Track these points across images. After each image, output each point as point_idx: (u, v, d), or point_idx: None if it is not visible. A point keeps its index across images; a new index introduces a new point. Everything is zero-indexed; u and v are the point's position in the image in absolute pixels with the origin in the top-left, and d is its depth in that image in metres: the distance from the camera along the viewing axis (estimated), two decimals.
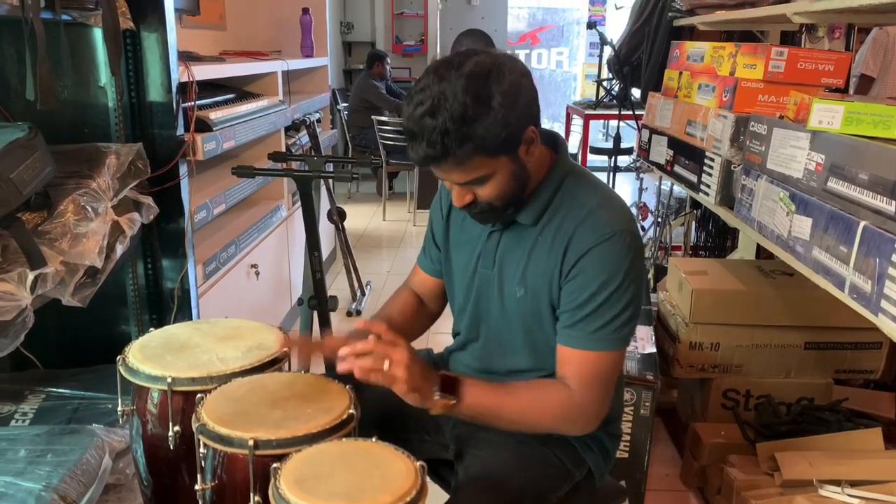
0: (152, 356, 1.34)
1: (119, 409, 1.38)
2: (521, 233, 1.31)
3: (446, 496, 1.31)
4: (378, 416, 1.32)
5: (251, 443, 1.09)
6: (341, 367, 1.16)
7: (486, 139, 1.12)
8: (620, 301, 1.22)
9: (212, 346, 1.39)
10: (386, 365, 1.13)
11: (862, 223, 1.23)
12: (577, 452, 1.37)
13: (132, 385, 1.33)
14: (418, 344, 1.47)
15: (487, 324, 1.39)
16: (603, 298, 1.21)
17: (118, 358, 1.35)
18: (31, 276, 1.40)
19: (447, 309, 1.55)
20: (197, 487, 1.17)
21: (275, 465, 1.05)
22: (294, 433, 1.12)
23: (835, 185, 1.35)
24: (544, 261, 1.27)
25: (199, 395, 1.22)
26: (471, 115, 1.10)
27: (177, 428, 1.27)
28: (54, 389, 1.86)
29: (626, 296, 1.22)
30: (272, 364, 1.35)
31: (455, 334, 1.51)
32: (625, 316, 1.23)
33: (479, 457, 1.33)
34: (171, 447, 1.27)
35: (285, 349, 1.37)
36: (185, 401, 1.27)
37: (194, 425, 1.17)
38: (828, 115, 1.41)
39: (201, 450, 1.16)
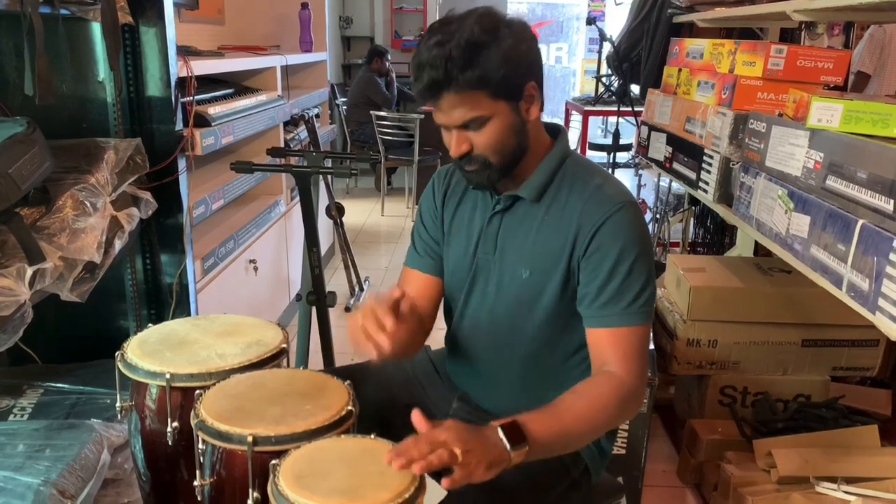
0: (151, 352, 1.34)
1: (117, 404, 1.38)
2: (525, 213, 1.31)
3: (443, 493, 1.31)
4: (376, 412, 1.32)
5: (250, 439, 1.10)
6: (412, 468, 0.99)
7: (488, 70, 1.14)
8: (642, 272, 1.23)
9: (211, 342, 1.39)
10: (458, 455, 0.99)
11: (860, 221, 1.23)
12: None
13: (131, 381, 1.33)
14: None
15: (484, 311, 1.37)
16: (626, 270, 1.22)
17: (117, 354, 1.35)
18: (29, 272, 1.40)
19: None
20: (196, 483, 1.18)
21: (274, 461, 1.05)
22: (293, 430, 1.12)
23: (833, 183, 1.35)
24: (553, 239, 1.27)
25: (197, 392, 1.22)
26: (477, 41, 1.13)
27: (175, 424, 1.27)
28: (53, 384, 1.86)
29: (646, 265, 1.24)
30: (271, 360, 1.35)
31: (448, 325, 1.49)
32: (649, 288, 1.24)
33: None
34: (170, 443, 1.27)
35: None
36: (183, 397, 1.28)
37: (193, 421, 1.17)
38: (827, 113, 1.41)
39: (200, 446, 1.17)
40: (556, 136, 1.34)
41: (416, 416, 1.04)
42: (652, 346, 2.13)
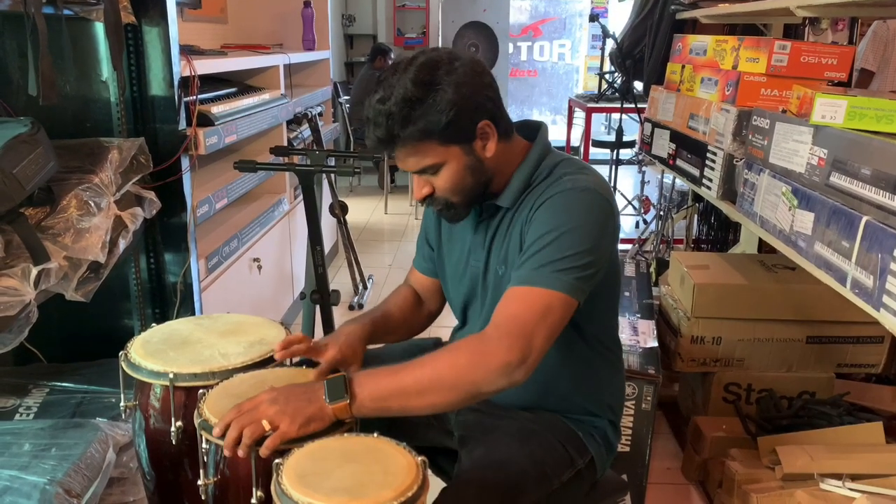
0: (154, 352, 1.34)
1: (122, 404, 1.38)
2: (503, 216, 1.33)
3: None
4: None
5: None
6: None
7: (428, 122, 1.17)
8: (573, 244, 1.17)
9: (214, 342, 1.39)
10: (265, 425, 1.08)
11: (864, 218, 1.22)
12: (581, 440, 1.37)
13: (134, 380, 1.33)
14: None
15: (477, 316, 1.40)
16: (550, 238, 1.18)
17: (120, 354, 1.36)
18: (34, 272, 1.41)
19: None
20: (200, 482, 1.18)
21: (277, 460, 1.05)
22: None
23: (837, 179, 1.35)
24: (516, 231, 1.28)
25: (200, 391, 1.22)
26: (413, 98, 1.16)
27: (179, 423, 1.27)
28: (58, 383, 1.87)
29: (583, 242, 1.18)
30: (274, 359, 1.35)
31: (453, 327, 1.52)
32: (575, 261, 1.16)
33: (482, 441, 1.33)
34: (174, 442, 1.28)
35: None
36: (187, 396, 1.28)
37: (196, 421, 1.17)
38: (831, 109, 1.41)
39: (204, 445, 1.17)
40: (533, 136, 1.35)
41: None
42: (656, 343, 2.13)
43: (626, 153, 5.13)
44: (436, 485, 1.15)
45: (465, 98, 1.18)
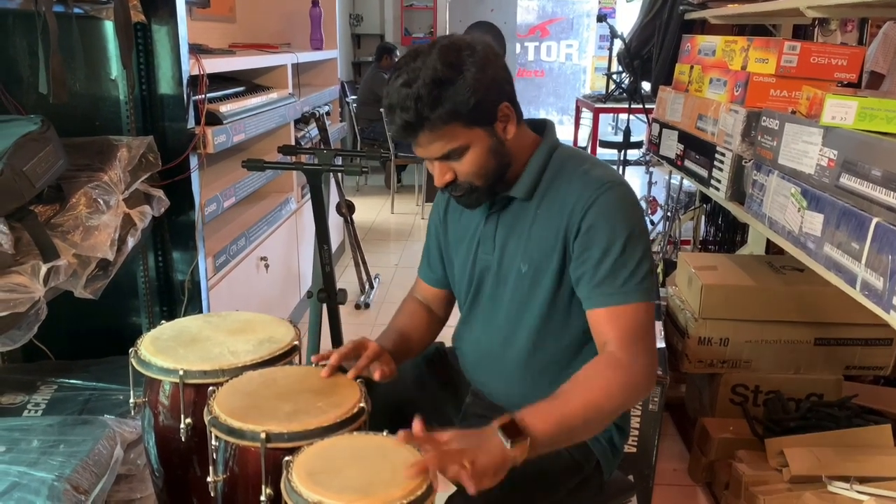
0: (164, 349, 1.35)
1: (131, 400, 1.39)
2: (520, 210, 1.33)
3: (453, 489, 1.32)
4: (388, 409, 1.33)
5: (263, 436, 1.10)
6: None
7: (457, 103, 1.17)
8: (636, 249, 1.23)
9: (223, 340, 1.39)
10: (467, 465, 1.02)
11: (874, 220, 1.22)
12: (586, 445, 1.37)
13: (144, 377, 1.34)
14: None
15: (486, 312, 1.40)
16: (619, 248, 1.22)
17: (130, 350, 1.36)
18: (44, 269, 1.41)
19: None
20: (209, 479, 1.18)
21: (287, 458, 1.05)
22: (306, 427, 1.13)
23: (847, 181, 1.34)
24: (548, 231, 1.28)
25: (210, 388, 1.23)
26: (442, 79, 1.16)
27: (188, 420, 1.28)
28: (66, 380, 1.88)
29: (640, 244, 1.23)
30: (283, 357, 1.35)
31: (458, 327, 1.51)
32: (645, 265, 1.23)
33: None
34: (183, 439, 1.28)
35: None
36: (196, 393, 1.28)
37: (206, 418, 1.17)
38: (841, 110, 1.40)
39: (213, 442, 1.17)
40: (542, 130, 1.35)
41: (418, 427, 1.06)
42: (663, 345, 2.12)
43: (633, 154, 5.12)
44: (444, 485, 1.15)
45: (489, 79, 1.19)
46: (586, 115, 5.30)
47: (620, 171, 4.54)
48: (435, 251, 1.52)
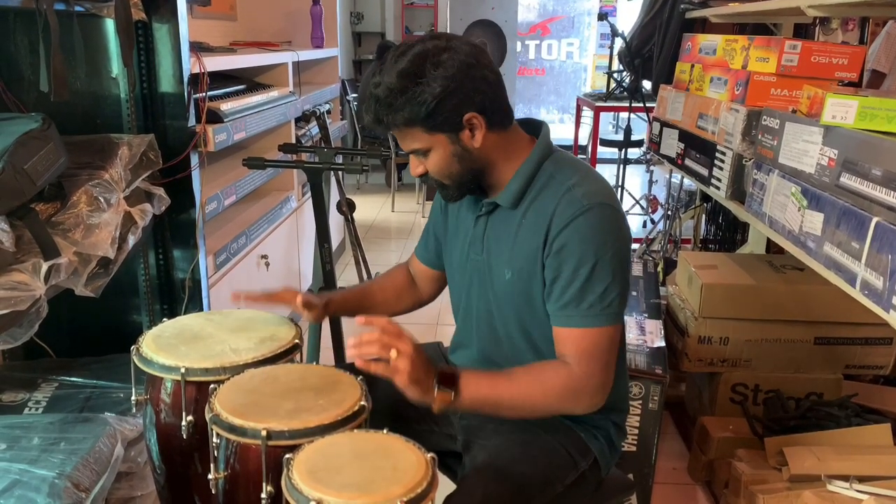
0: (166, 346, 1.35)
1: (132, 398, 1.39)
2: (506, 216, 1.34)
3: (453, 487, 1.32)
4: (389, 407, 1.33)
5: (264, 433, 1.10)
6: (349, 355, 1.19)
7: (411, 111, 1.20)
8: (605, 274, 1.23)
9: (225, 337, 1.40)
10: (393, 353, 1.16)
11: (875, 219, 1.22)
12: (583, 442, 1.38)
13: (145, 374, 1.34)
14: (427, 336, 1.48)
15: (482, 311, 1.41)
16: (587, 272, 1.22)
17: (132, 348, 1.36)
18: (44, 267, 1.42)
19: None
20: (210, 477, 1.19)
21: (287, 455, 1.05)
22: (306, 424, 1.13)
23: (848, 180, 1.34)
24: (529, 241, 1.29)
25: (212, 386, 1.23)
26: (397, 89, 1.20)
27: (190, 418, 1.28)
28: (67, 378, 1.88)
29: (611, 268, 1.23)
30: (284, 355, 1.36)
31: (456, 330, 1.53)
32: (614, 290, 1.24)
33: (486, 447, 1.34)
34: (185, 436, 1.28)
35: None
36: (198, 391, 1.29)
37: (207, 415, 1.18)
38: (841, 109, 1.40)
39: (214, 440, 1.18)
40: (536, 133, 1.36)
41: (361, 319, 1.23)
42: (663, 343, 2.12)
43: (633, 152, 5.12)
44: (444, 483, 1.15)
45: (450, 91, 1.20)
46: (587, 114, 5.29)
47: (621, 170, 4.55)
48: (432, 235, 1.55)
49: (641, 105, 3.44)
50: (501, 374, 1.27)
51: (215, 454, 1.18)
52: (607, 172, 4.44)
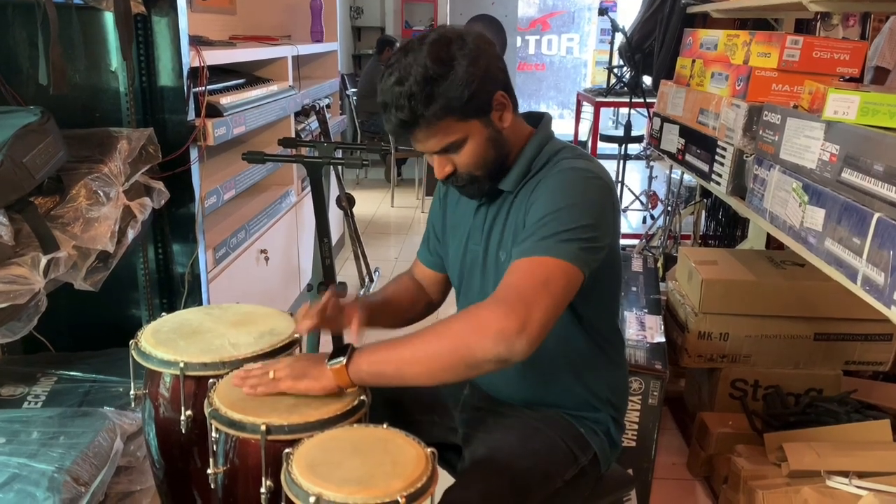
0: (165, 341, 1.35)
1: (131, 392, 1.39)
2: (504, 201, 1.33)
3: (452, 481, 1.32)
4: (388, 401, 1.33)
5: (263, 428, 1.10)
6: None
7: (451, 98, 1.17)
8: (573, 219, 1.16)
9: (224, 332, 1.39)
10: (270, 374, 1.18)
11: (876, 215, 1.22)
12: (583, 437, 1.37)
13: (144, 369, 1.34)
14: None
15: (475, 299, 1.37)
16: (552, 217, 1.17)
17: (131, 342, 1.36)
18: (43, 261, 1.41)
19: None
20: (209, 471, 1.18)
21: (287, 450, 1.05)
22: (306, 419, 1.13)
23: (849, 176, 1.34)
24: (518, 218, 1.28)
25: (211, 380, 1.23)
26: (433, 76, 1.16)
27: (189, 412, 1.28)
28: (66, 372, 1.88)
29: (581, 217, 1.16)
30: (284, 350, 1.35)
31: None
32: (579, 233, 1.15)
33: (485, 440, 1.34)
34: (184, 431, 1.28)
35: (297, 335, 1.38)
36: (197, 385, 1.28)
37: (206, 410, 1.17)
38: (843, 105, 1.40)
39: (213, 434, 1.17)
40: (536, 123, 1.36)
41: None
42: (663, 339, 2.12)
43: (634, 148, 5.12)
44: (443, 477, 1.15)
45: (481, 70, 1.19)
46: (587, 109, 5.28)
47: (621, 166, 4.54)
48: (433, 236, 1.53)
49: (642, 100, 3.43)
50: (400, 340, 1.17)
51: (214, 449, 1.18)
52: (607, 168, 4.43)
